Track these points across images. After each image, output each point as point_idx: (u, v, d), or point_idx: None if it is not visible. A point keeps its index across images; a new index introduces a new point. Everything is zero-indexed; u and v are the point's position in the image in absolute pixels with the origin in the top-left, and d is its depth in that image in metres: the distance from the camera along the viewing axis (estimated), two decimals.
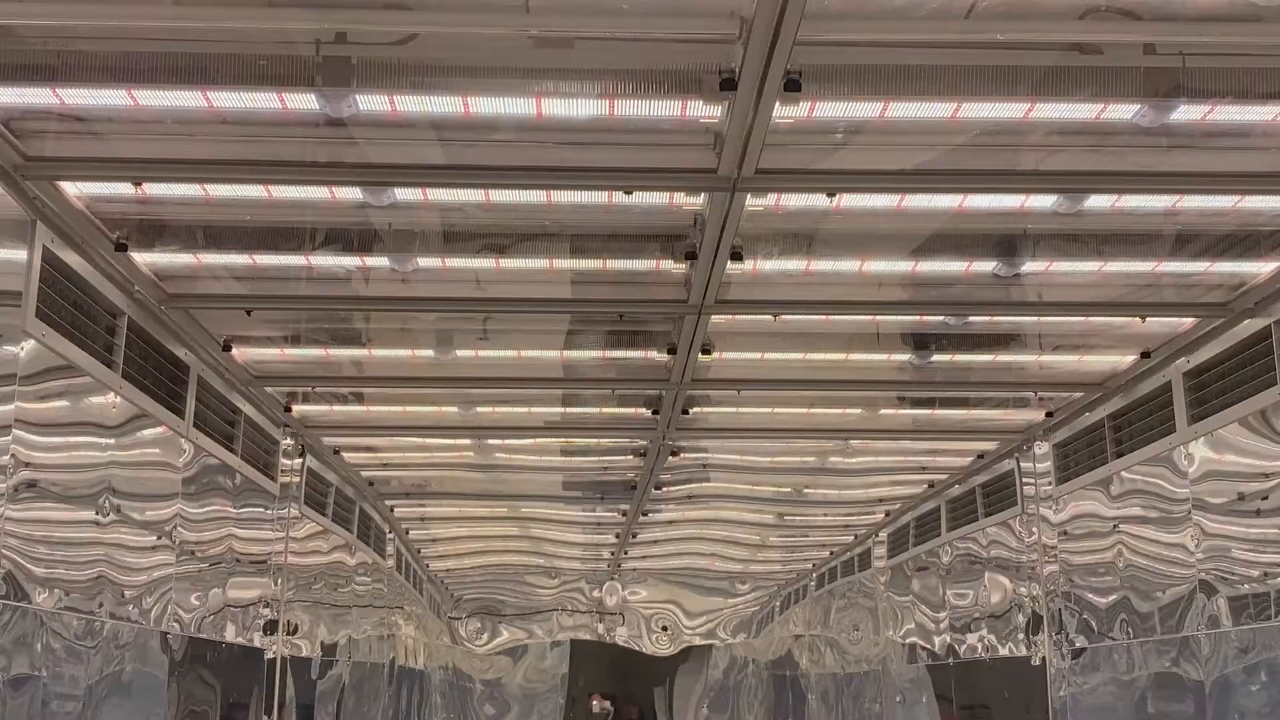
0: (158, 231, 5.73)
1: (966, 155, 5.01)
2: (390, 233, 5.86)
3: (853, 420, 9.30)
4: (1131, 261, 6.09)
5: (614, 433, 9.88)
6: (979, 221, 5.73)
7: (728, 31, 4.16)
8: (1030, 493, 9.53)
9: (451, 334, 7.43)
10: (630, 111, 4.72)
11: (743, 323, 7.12)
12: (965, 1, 3.98)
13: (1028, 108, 4.64)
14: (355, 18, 4.14)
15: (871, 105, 4.65)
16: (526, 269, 6.25)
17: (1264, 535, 6.30)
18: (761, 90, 4.38)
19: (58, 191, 5.15)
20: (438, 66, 4.52)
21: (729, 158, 4.92)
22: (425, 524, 13.88)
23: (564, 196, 5.48)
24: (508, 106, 4.70)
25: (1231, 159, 5.03)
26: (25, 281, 5.12)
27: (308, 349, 7.67)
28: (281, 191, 5.35)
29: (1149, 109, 4.61)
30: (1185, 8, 4.05)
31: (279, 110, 4.65)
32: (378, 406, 9.03)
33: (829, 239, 5.92)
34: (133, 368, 6.22)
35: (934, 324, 7.17)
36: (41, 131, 4.78)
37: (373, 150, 4.97)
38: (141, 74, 4.40)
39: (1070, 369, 7.86)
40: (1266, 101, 4.63)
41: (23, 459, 5.13)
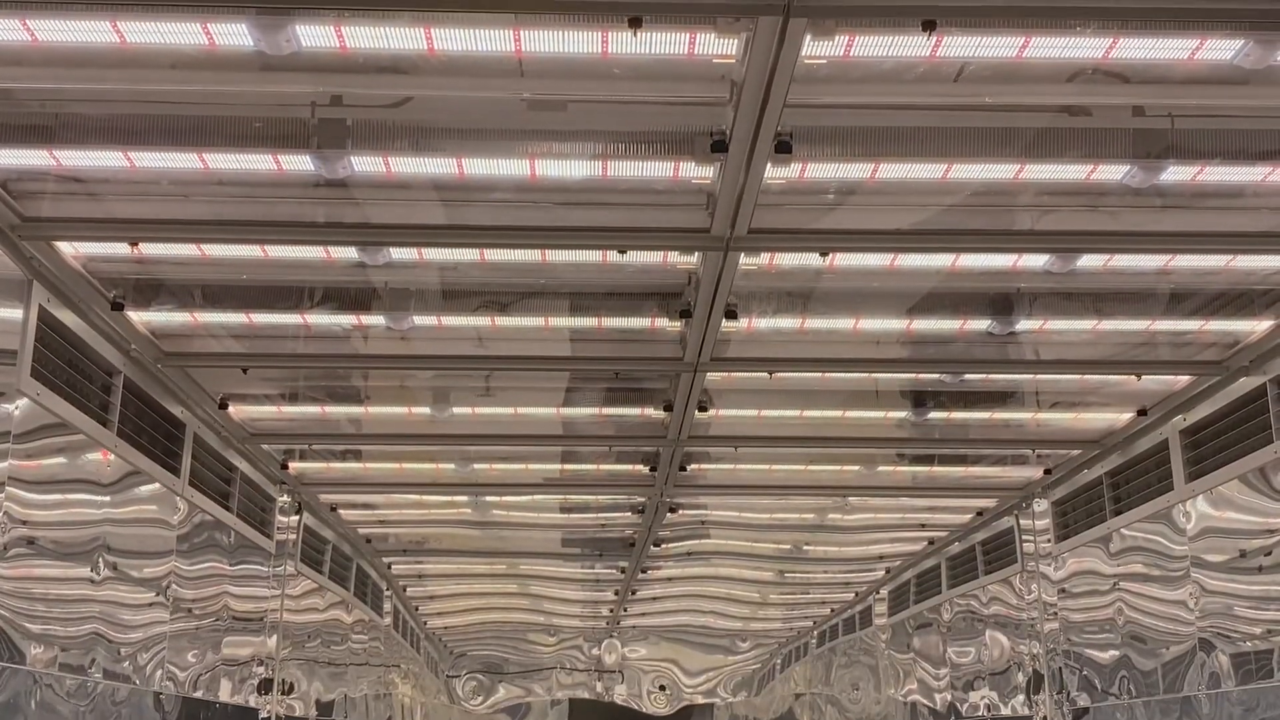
0: (154, 290, 5.75)
1: (958, 215, 5.03)
2: (386, 291, 5.88)
3: (851, 477, 9.28)
4: (1126, 320, 6.10)
5: (612, 489, 9.85)
6: (972, 280, 5.74)
7: (718, 95, 4.20)
8: (1030, 550, 9.49)
9: (448, 391, 7.44)
10: (623, 173, 4.76)
11: (739, 380, 7.12)
12: (954, 65, 4.01)
13: (1018, 169, 4.68)
14: (351, 82, 4.18)
15: (862, 166, 4.68)
16: (522, 327, 6.27)
17: (1266, 592, 6.26)
18: (752, 152, 4.41)
19: (54, 251, 5.18)
20: (432, 129, 4.56)
21: (721, 218, 4.95)
22: (423, 581, 13.80)
23: (559, 255, 5.50)
24: (502, 168, 4.74)
25: (1223, 219, 5.06)
26: (20, 341, 5.13)
27: (305, 406, 7.67)
28: (277, 251, 5.38)
29: (1139, 170, 4.64)
30: (1172, 71, 4.08)
31: (274, 171, 4.69)
32: (375, 464, 9.01)
33: (823, 297, 5.93)
34: (128, 426, 6.22)
35: (930, 381, 7.17)
36: (38, 192, 4.81)
37: (367, 211, 5.00)
38: (138, 136, 4.44)
39: (1067, 426, 7.85)
40: (1256, 162, 4.67)
41: (17, 516, 5.11)
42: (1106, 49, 3.90)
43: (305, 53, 3.92)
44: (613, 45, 3.89)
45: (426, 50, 3.94)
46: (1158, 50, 3.92)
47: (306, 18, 3.75)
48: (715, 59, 3.98)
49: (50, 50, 3.90)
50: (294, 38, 3.82)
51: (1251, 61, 3.94)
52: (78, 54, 3.92)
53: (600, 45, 3.90)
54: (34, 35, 3.82)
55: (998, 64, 4.00)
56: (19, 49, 3.89)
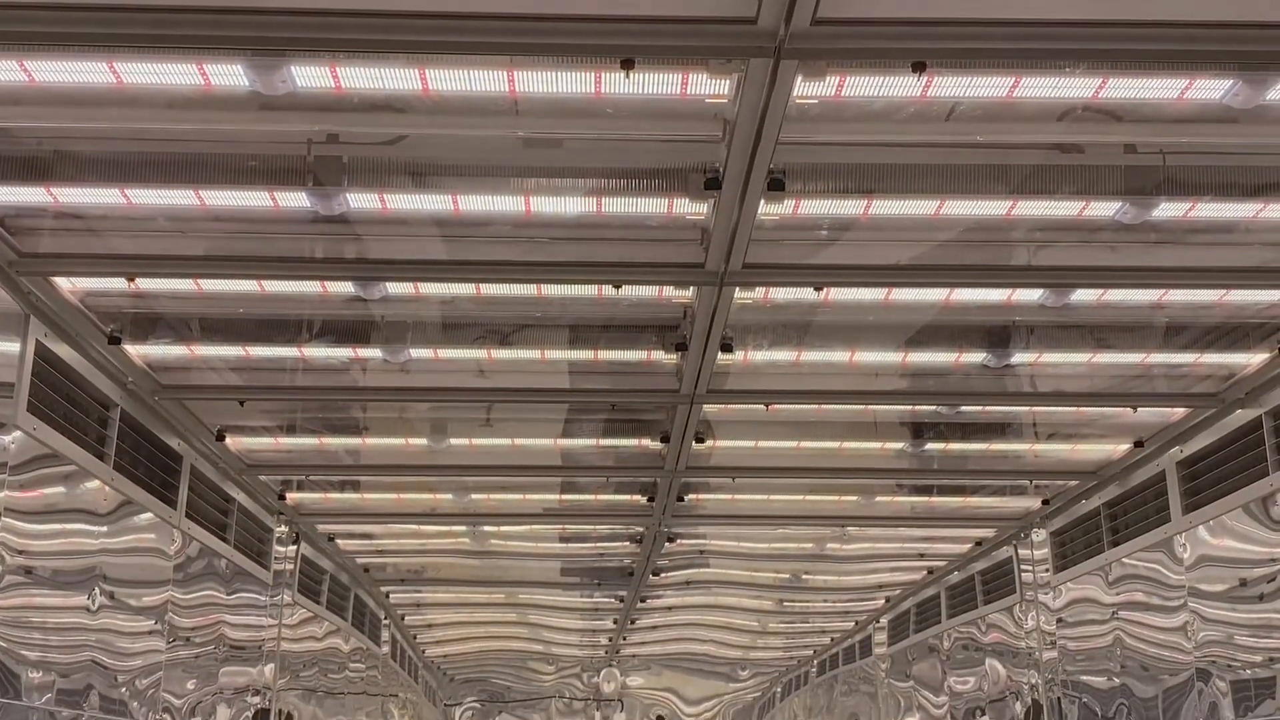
0: (151, 324, 5.77)
1: (952, 250, 5.05)
2: (382, 325, 5.90)
3: (849, 507, 9.27)
4: (1121, 353, 6.11)
5: (610, 519, 9.84)
6: (967, 314, 5.76)
7: (711, 133, 4.22)
8: (1029, 579, 9.47)
9: (446, 423, 7.44)
10: (618, 209, 4.78)
11: (736, 410, 7.12)
12: (945, 105, 4.03)
13: (1010, 205, 4.69)
14: (347, 120, 4.20)
15: (855, 203, 4.70)
16: (519, 359, 6.27)
17: (1268, 621, 6.24)
18: (746, 189, 4.43)
19: (51, 286, 5.20)
20: (428, 165, 4.58)
21: (716, 253, 4.97)
22: (421, 610, 13.77)
23: (554, 290, 5.51)
24: (497, 204, 4.76)
25: (1216, 254, 5.07)
26: (17, 376, 5.14)
27: (302, 438, 7.67)
28: (274, 285, 5.39)
29: (1131, 206, 4.66)
30: (1163, 110, 4.10)
31: (271, 208, 4.71)
32: (373, 494, 9.00)
33: (818, 330, 5.94)
34: (124, 459, 6.22)
35: (927, 413, 7.18)
36: (36, 228, 4.84)
37: (363, 246, 5.02)
38: (134, 173, 4.47)
39: (1064, 457, 7.85)
40: (1248, 198, 4.68)
41: (14, 546, 5.12)
42: (1096, 89, 3.92)
43: (301, 92, 3.94)
44: (606, 85, 3.91)
45: (421, 90, 3.97)
46: (1147, 90, 3.94)
47: (301, 59, 3.77)
48: (708, 99, 4.00)
49: (47, 90, 3.92)
50: (289, 78, 3.85)
51: (1241, 101, 3.96)
52: (75, 94, 3.95)
53: (594, 85, 3.92)
54: (31, 76, 3.84)
55: (988, 103, 4.03)
56: (16, 89, 3.92)
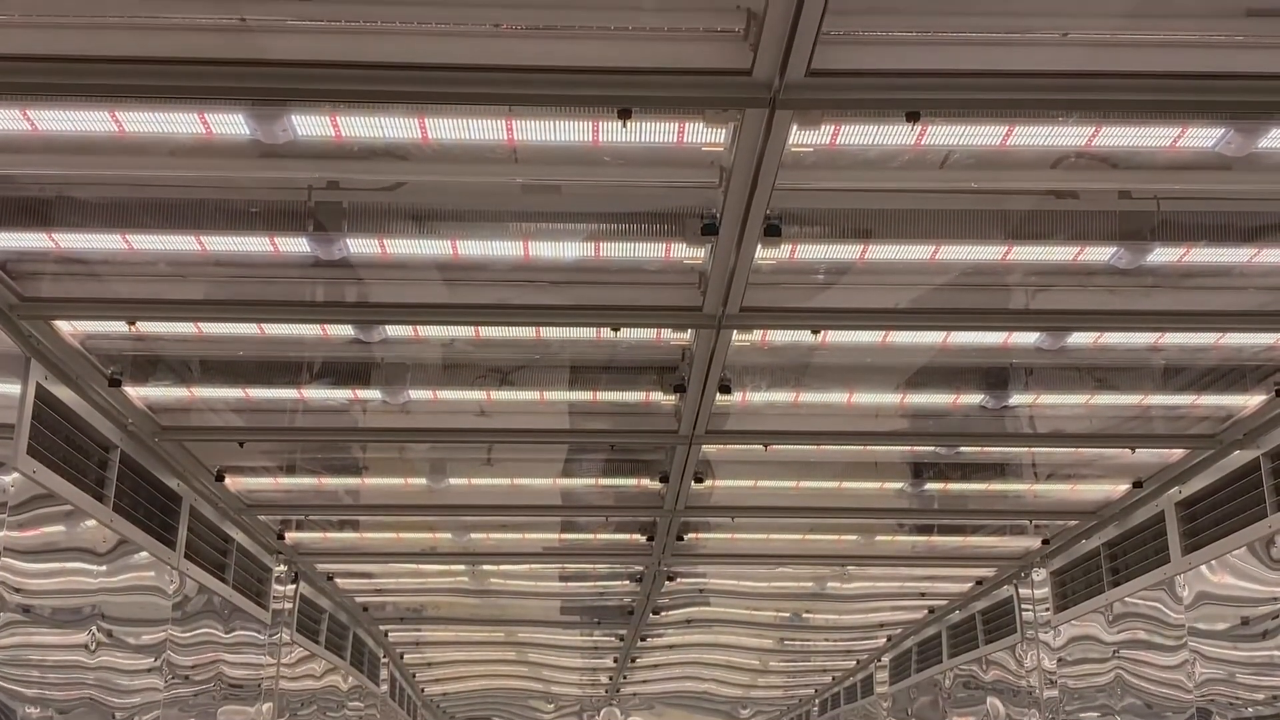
0: (151, 366, 5.79)
1: (949, 294, 5.07)
2: (382, 367, 5.92)
3: (849, 547, 9.25)
4: (1118, 394, 6.12)
5: (610, 558, 9.82)
6: (964, 356, 5.77)
7: (708, 179, 4.25)
8: (1029, 619, 9.44)
9: (445, 463, 7.45)
10: (616, 253, 4.81)
11: (735, 451, 7.13)
12: (939, 153, 4.07)
13: (1005, 250, 4.72)
14: (346, 167, 4.24)
15: (851, 248, 4.73)
16: (518, 400, 6.29)
17: (1270, 659, 6.22)
18: (743, 235, 4.47)
19: (52, 330, 5.22)
20: (427, 210, 4.61)
21: (713, 296, 5.00)
22: (420, 648, 13.72)
23: (553, 332, 5.54)
24: (496, 249, 4.79)
25: (1211, 298, 5.09)
26: (17, 418, 5.16)
27: (301, 478, 7.68)
28: (274, 329, 5.41)
29: (1125, 251, 4.68)
30: (1156, 157, 4.13)
31: (271, 253, 4.74)
32: (372, 533, 9.00)
33: (816, 372, 5.96)
34: (124, 500, 6.23)
35: (926, 453, 7.19)
36: (37, 273, 4.87)
37: (363, 290, 5.05)
38: (135, 219, 4.50)
39: (1063, 498, 7.85)
40: (1242, 243, 4.71)
41: (12, 585, 5.12)
42: (1089, 137, 3.96)
43: (301, 141, 3.98)
44: (603, 134, 3.95)
45: (421, 139, 4.00)
46: (1140, 138, 3.98)
47: (302, 108, 3.81)
48: (704, 147, 4.04)
49: (50, 139, 3.96)
50: (290, 127, 3.88)
51: (1233, 149, 3.99)
52: (77, 142, 3.98)
53: (591, 134, 3.96)
54: (34, 125, 3.88)
55: (982, 151, 4.06)
56: (19, 137, 3.95)
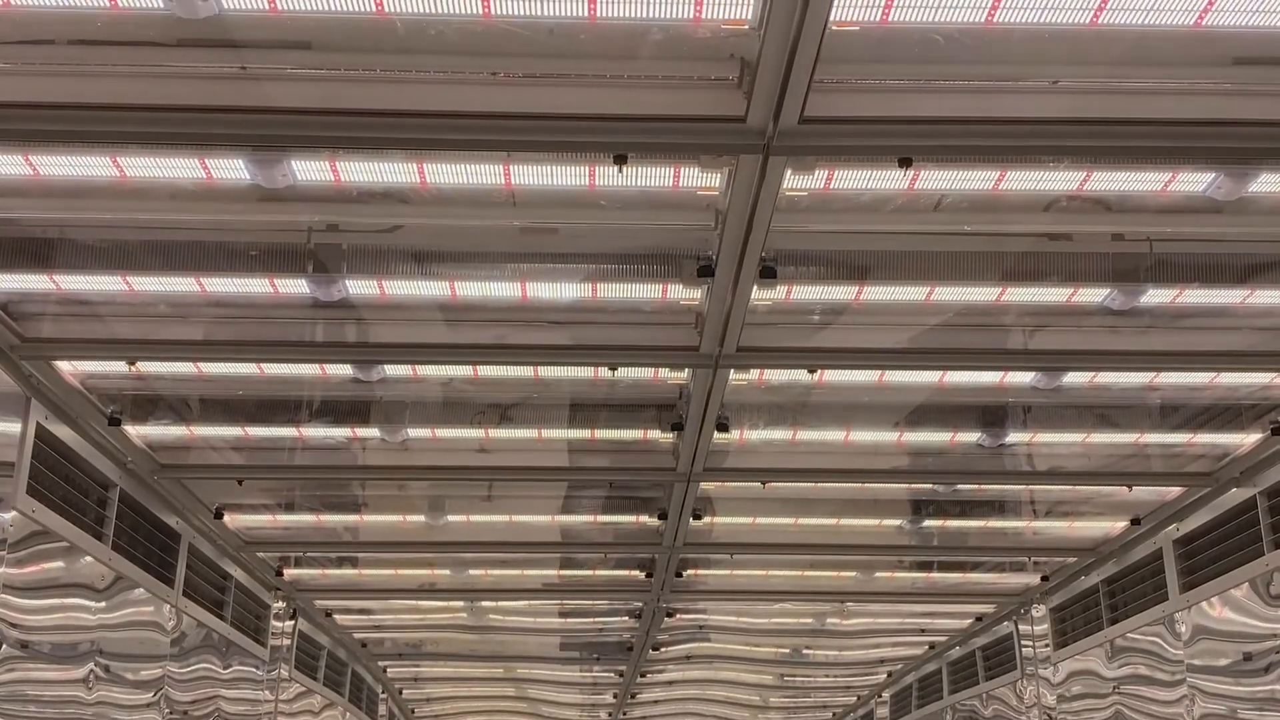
0: (151, 405, 5.82)
1: (944, 334, 5.09)
2: (380, 405, 5.94)
3: (849, 583, 9.25)
4: (1115, 432, 6.14)
5: (609, 595, 9.81)
6: (961, 395, 5.80)
7: (704, 222, 4.29)
8: (1029, 654, 9.43)
9: (444, 500, 7.46)
10: (613, 294, 4.85)
11: (733, 488, 7.15)
12: (932, 197, 4.10)
13: (1000, 291, 4.75)
14: (346, 210, 4.28)
15: (846, 289, 4.76)
16: (516, 438, 6.31)
17: (1272, 694, 6.20)
18: (738, 276, 4.50)
19: (53, 369, 5.25)
20: (426, 252, 4.65)
21: (710, 336, 5.02)
22: (419, 684, 13.66)
23: (551, 371, 5.57)
24: (494, 290, 4.82)
25: (1205, 338, 5.12)
26: (17, 458, 5.18)
27: (300, 515, 7.69)
28: (273, 368, 5.44)
29: (1119, 293, 4.71)
30: (1148, 201, 4.17)
31: (270, 294, 4.77)
32: (370, 570, 9.00)
33: (813, 410, 5.99)
34: (123, 539, 6.24)
35: (924, 491, 7.20)
36: (38, 313, 4.90)
37: (362, 330, 5.08)
38: (136, 261, 4.54)
39: (1062, 534, 7.85)
40: (1235, 285, 4.74)
41: (12, 621, 5.13)
42: (1081, 182, 4.00)
43: (301, 185, 4.02)
44: (599, 179, 3.99)
45: (419, 183, 4.05)
46: (1132, 183, 4.02)
47: (301, 154, 3.85)
48: (699, 191, 4.08)
49: (51, 183, 4.01)
50: (290, 172, 3.93)
51: (1224, 193, 4.03)
52: (78, 186, 4.03)
53: (588, 179, 4.00)
54: (35, 169, 3.92)
55: (975, 195, 4.10)
56: (21, 182, 4.00)
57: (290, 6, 3.22)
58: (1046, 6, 3.19)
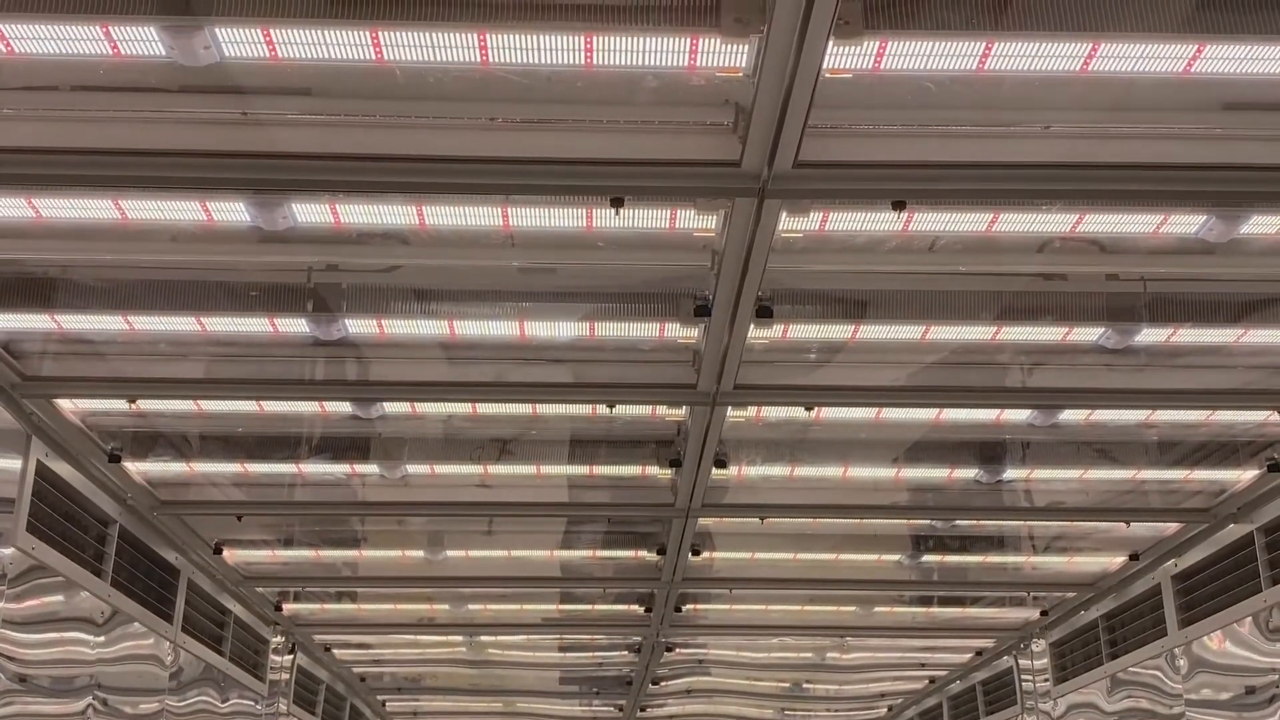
0: (151, 442, 5.84)
1: (940, 372, 5.12)
2: (379, 441, 5.96)
3: (848, 617, 9.23)
4: (1112, 469, 6.15)
5: (608, 629, 9.80)
6: (957, 432, 5.82)
7: (700, 262, 4.32)
8: (1029, 689, 9.40)
9: (443, 535, 7.47)
10: (610, 333, 4.87)
11: (732, 523, 7.15)
12: (926, 238, 4.14)
13: (995, 330, 4.78)
14: (345, 251, 4.31)
15: (843, 328, 4.79)
16: (515, 475, 6.33)
17: None
18: (735, 316, 4.53)
19: (53, 407, 5.28)
20: (425, 291, 4.68)
21: (708, 374, 5.05)
22: (418, 718, 13.61)
23: (549, 409, 5.59)
24: (492, 329, 4.85)
25: (1200, 376, 5.14)
26: (17, 495, 5.20)
27: (299, 550, 7.69)
28: (272, 405, 5.47)
29: (1114, 332, 4.74)
30: (1140, 243, 4.20)
31: (270, 333, 4.80)
32: (369, 604, 8.99)
33: (811, 447, 6.00)
34: (122, 575, 6.25)
35: (922, 526, 7.20)
36: (40, 352, 4.93)
37: (361, 368, 5.11)
38: (136, 300, 4.57)
39: (1061, 569, 7.85)
40: (1229, 324, 4.77)
41: (10, 655, 5.13)
42: (1074, 224, 4.03)
43: (301, 227, 4.05)
44: (597, 221, 4.03)
45: (418, 225, 4.08)
46: (1124, 225, 4.05)
47: (302, 197, 3.88)
48: (696, 233, 4.11)
49: (53, 225, 4.04)
50: (290, 214, 3.96)
51: (1216, 235, 4.06)
52: (80, 228, 4.06)
53: (585, 221, 4.04)
54: (38, 212, 3.96)
55: (969, 237, 4.13)
56: (23, 224, 4.03)
57: (291, 54, 3.26)
58: (1037, 54, 3.24)
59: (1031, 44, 3.23)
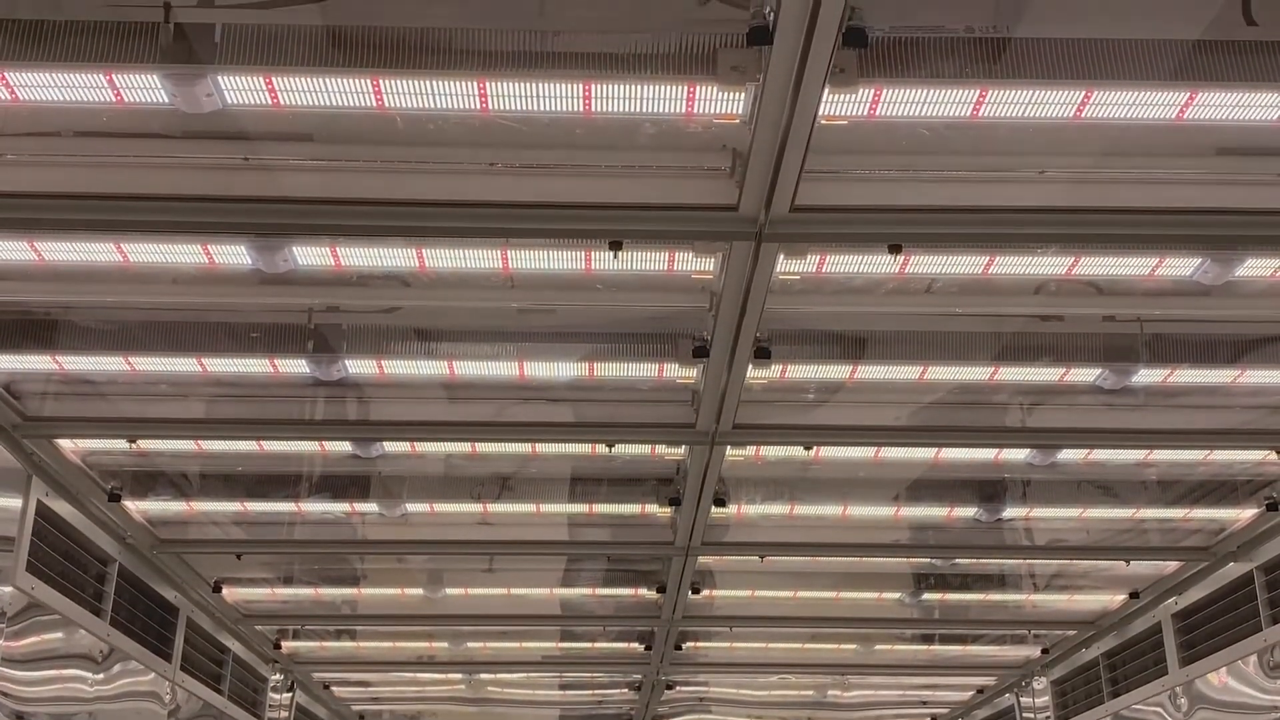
0: (151, 480, 5.85)
1: (939, 411, 5.14)
2: (379, 480, 5.97)
3: (849, 655, 9.20)
4: (1111, 507, 6.15)
5: (608, 667, 9.77)
6: (956, 471, 5.82)
7: (698, 304, 4.35)
8: None
9: (442, 573, 7.47)
10: (609, 373, 4.89)
11: (732, 561, 7.15)
12: (923, 280, 4.16)
13: (993, 370, 4.80)
14: (345, 293, 4.34)
15: (841, 368, 4.80)
16: (514, 513, 6.33)
17: None
18: (733, 356, 4.55)
19: (54, 447, 5.29)
20: (425, 331, 4.70)
21: (706, 414, 5.06)
22: None
23: (549, 448, 5.60)
24: (492, 369, 4.87)
25: (1197, 416, 5.15)
26: (17, 535, 5.20)
27: (298, 588, 7.69)
28: (272, 445, 5.48)
29: (1111, 373, 4.75)
30: (1135, 285, 4.22)
31: (271, 374, 4.82)
32: (369, 642, 8.97)
33: (810, 485, 6.01)
34: (121, 614, 6.24)
35: (922, 564, 7.20)
36: (41, 393, 4.94)
37: (361, 408, 5.12)
38: (137, 342, 4.59)
39: (1062, 607, 7.83)
40: (1225, 365, 4.78)
41: (8, 693, 5.12)
42: (1069, 266, 4.06)
43: (301, 270, 4.08)
44: (596, 263, 4.05)
45: (418, 268, 4.11)
46: (1119, 268, 4.07)
47: (303, 240, 3.91)
48: (694, 275, 4.13)
49: (55, 269, 4.07)
50: (291, 257, 3.99)
51: (1211, 277, 4.08)
52: (82, 271, 4.09)
53: (584, 263, 4.07)
54: (40, 255, 3.98)
55: (965, 279, 4.15)
56: (26, 267, 4.06)
57: (292, 101, 3.29)
58: (1030, 102, 3.27)
59: (1025, 91, 3.26)
